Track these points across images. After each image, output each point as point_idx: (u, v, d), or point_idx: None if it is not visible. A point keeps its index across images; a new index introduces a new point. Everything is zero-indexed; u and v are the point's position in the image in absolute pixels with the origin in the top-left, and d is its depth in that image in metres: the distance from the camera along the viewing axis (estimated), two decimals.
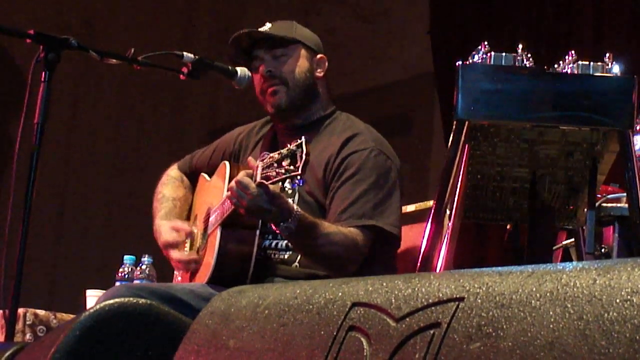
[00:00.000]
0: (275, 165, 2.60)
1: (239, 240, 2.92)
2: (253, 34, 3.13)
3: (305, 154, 2.55)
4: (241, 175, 2.68)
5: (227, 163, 3.08)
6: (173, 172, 3.43)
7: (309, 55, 3.16)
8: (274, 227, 2.80)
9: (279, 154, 2.61)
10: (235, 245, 2.92)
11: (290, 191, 3.01)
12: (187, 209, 3.34)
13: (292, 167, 2.56)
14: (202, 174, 3.35)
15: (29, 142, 2.82)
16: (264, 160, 2.64)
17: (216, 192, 3.07)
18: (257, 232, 2.93)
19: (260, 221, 2.93)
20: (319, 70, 3.17)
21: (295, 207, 2.76)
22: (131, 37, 6.84)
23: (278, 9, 7.01)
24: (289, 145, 2.60)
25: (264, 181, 2.61)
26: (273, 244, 3.02)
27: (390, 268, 3.08)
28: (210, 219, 3.03)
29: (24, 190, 2.79)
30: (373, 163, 2.99)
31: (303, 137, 2.60)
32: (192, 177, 3.40)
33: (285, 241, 2.97)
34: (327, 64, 3.19)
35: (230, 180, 2.94)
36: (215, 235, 2.92)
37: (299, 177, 2.59)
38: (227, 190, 2.76)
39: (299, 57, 3.13)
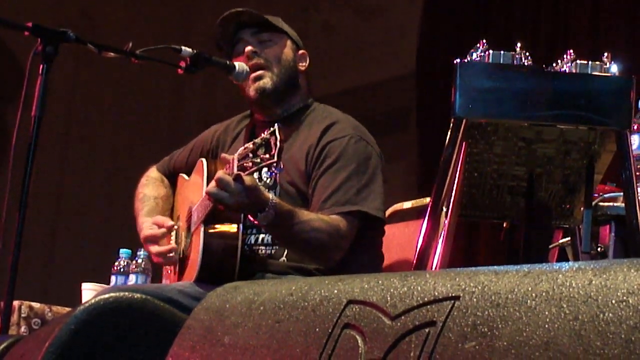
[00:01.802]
0: (251, 155, 2.58)
1: (222, 236, 2.91)
2: (243, 15, 3.13)
3: (279, 141, 2.53)
4: (220, 173, 2.67)
5: (203, 160, 3.07)
6: (153, 173, 3.42)
7: (293, 47, 3.17)
8: (252, 219, 2.79)
9: (253, 143, 2.59)
10: (219, 241, 2.90)
11: (271, 182, 3.00)
12: (169, 208, 3.33)
13: (267, 156, 2.55)
14: (181, 174, 3.33)
15: (26, 134, 2.82)
16: (239, 152, 2.63)
17: (196, 190, 3.06)
18: (240, 225, 2.92)
19: (242, 215, 2.91)
20: (301, 63, 3.18)
21: (271, 195, 2.75)
22: (130, 30, 6.83)
23: (277, 4, 6.99)
24: (262, 134, 2.59)
25: (241, 172, 2.60)
26: (259, 240, 3.01)
27: (377, 255, 3.08)
28: (192, 217, 3.02)
29: (20, 183, 2.79)
30: (353, 149, 2.99)
31: (276, 124, 2.58)
32: (171, 178, 3.39)
33: (270, 235, 2.97)
34: (308, 60, 3.20)
35: (208, 176, 2.92)
36: (199, 233, 2.90)
37: (275, 165, 2.57)
38: (207, 189, 2.74)
39: (284, 46, 3.14)
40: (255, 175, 2.83)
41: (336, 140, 3.00)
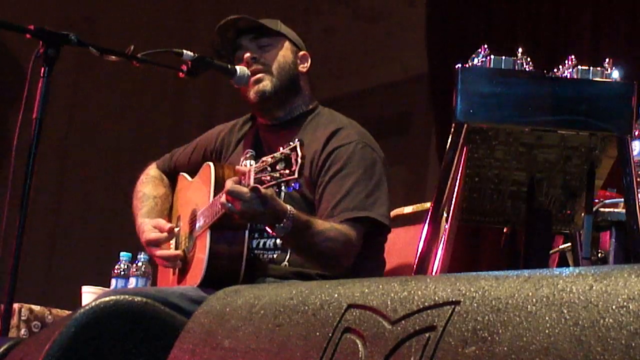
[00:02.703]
0: (269, 169, 2.56)
1: (229, 241, 2.90)
2: (240, 23, 3.13)
3: (301, 157, 2.51)
4: (230, 182, 2.66)
5: (211, 164, 3.04)
6: (152, 171, 3.42)
7: (293, 49, 3.17)
8: (269, 230, 2.78)
9: (272, 157, 2.57)
10: (225, 247, 2.89)
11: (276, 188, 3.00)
12: (167, 208, 3.33)
13: (287, 171, 2.53)
14: (182, 173, 3.33)
15: (27, 137, 2.82)
16: (257, 165, 2.62)
17: (201, 194, 3.04)
18: (246, 232, 2.91)
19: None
20: (302, 65, 3.18)
21: (289, 207, 2.74)
22: (131, 34, 6.84)
23: (278, 7, 7.00)
24: (281, 149, 2.56)
25: (258, 185, 2.59)
26: (261, 244, 3.00)
27: (379, 261, 3.09)
28: (198, 221, 3.01)
29: (21, 185, 2.79)
30: (359, 156, 2.99)
31: (297, 140, 2.55)
32: (171, 176, 3.39)
33: (273, 240, 2.96)
34: (310, 61, 3.20)
35: (216, 182, 2.91)
36: (205, 237, 2.90)
37: (295, 181, 2.55)
38: (220, 196, 2.73)
39: (283, 49, 3.14)
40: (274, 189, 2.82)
41: (342, 146, 3.00)
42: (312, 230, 2.79)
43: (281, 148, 2.56)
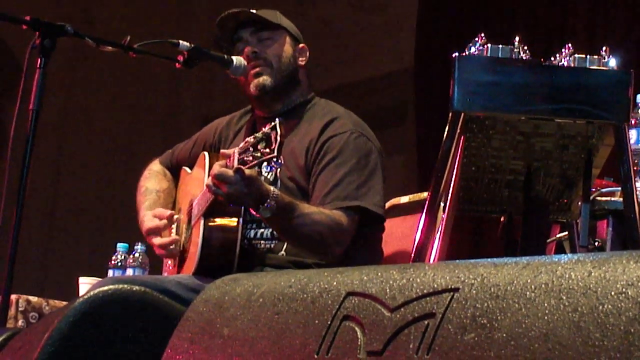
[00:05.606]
0: (251, 149, 2.59)
1: (222, 229, 2.92)
2: (241, 15, 3.14)
3: (280, 135, 2.54)
4: (217, 166, 2.67)
5: (206, 154, 3.08)
6: (155, 166, 3.43)
7: (292, 42, 3.18)
8: (253, 212, 2.79)
9: (254, 138, 2.60)
10: (219, 234, 2.91)
11: (271, 177, 3.01)
12: (171, 201, 3.34)
13: (267, 150, 2.56)
14: (184, 167, 3.34)
15: (23, 128, 2.82)
16: (240, 146, 2.64)
17: (197, 184, 3.06)
18: (240, 219, 2.93)
19: (242, 209, 2.92)
20: (301, 58, 3.19)
21: (272, 188, 2.75)
22: (128, 25, 6.83)
23: None
24: (263, 129, 2.59)
25: (241, 166, 2.61)
26: (258, 234, 3.01)
27: (376, 252, 3.09)
28: (193, 210, 3.03)
29: (18, 177, 2.79)
30: (354, 145, 2.99)
31: (277, 119, 2.58)
32: (174, 171, 3.40)
33: (270, 230, 2.97)
34: (308, 53, 3.20)
35: (210, 170, 2.93)
36: (199, 226, 2.91)
37: (274, 159, 2.58)
38: (207, 182, 2.75)
39: (283, 43, 3.15)
40: (256, 169, 2.84)
41: (337, 135, 3.01)
42: (297, 212, 2.79)
43: (263, 128, 2.58)
